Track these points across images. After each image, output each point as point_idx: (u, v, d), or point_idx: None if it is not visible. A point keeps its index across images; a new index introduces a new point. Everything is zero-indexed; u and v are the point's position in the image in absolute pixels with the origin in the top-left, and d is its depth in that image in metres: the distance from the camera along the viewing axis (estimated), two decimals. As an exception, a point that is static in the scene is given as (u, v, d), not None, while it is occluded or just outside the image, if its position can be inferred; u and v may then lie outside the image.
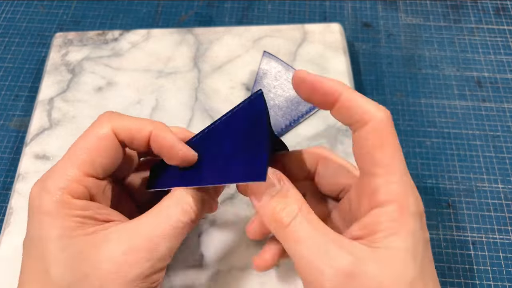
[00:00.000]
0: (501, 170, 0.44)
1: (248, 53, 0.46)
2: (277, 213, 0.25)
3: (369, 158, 0.25)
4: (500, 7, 0.55)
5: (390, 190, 0.24)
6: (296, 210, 0.25)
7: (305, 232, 0.24)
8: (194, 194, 0.27)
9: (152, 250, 0.25)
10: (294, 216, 0.25)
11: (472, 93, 0.48)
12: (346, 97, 0.26)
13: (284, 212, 0.25)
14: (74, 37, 0.47)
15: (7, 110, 0.47)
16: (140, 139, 0.27)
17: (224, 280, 0.34)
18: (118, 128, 0.27)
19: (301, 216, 0.25)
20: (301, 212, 0.25)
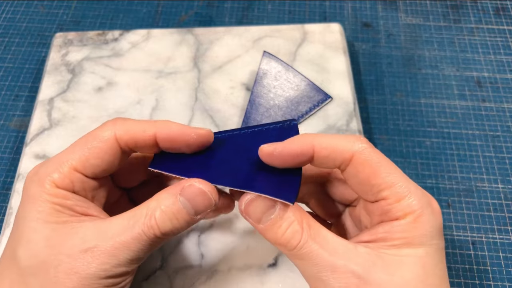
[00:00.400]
0: (500, 170, 0.44)
1: (248, 53, 0.46)
2: (280, 238, 0.25)
3: (368, 188, 0.25)
4: (500, 7, 0.55)
5: (401, 206, 0.24)
6: (300, 232, 0.24)
7: (311, 251, 0.24)
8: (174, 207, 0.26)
9: (110, 255, 0.25)
10: (298, 239, 0.24)
11: (472, 93, 0.48)
12: (319, 148, 0.25)
13: (287, 235, 0.25)
14: (74, 37, 0.47)
15: (7, 110, 0.47)
16: (144, 140, 0.27)
17: (224, 280, 0.34)
18: (121, 132, 0.27)
19: (305, 235, 0.24)
20: (304, 231, 0.25)
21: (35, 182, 0.26)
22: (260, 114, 0.41)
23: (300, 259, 0.25)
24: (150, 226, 0.25)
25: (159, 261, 0.35)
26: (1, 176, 0.43)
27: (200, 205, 0.26)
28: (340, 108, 0.43)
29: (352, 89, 0.44)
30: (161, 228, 0.25)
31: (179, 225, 0.26)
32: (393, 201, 0.25)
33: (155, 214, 0.25)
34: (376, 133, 0.46)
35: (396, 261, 0.24)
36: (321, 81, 0.44)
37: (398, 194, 0.24)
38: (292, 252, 0.25)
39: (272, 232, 0.25)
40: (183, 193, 0.26)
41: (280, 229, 0.25)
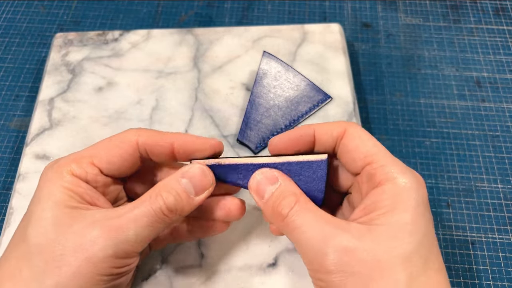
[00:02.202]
0: (500, 170, 0.44)
1: (248, 53, 0.46)
2: (276, 206, 0.27)
3: (356, 156, 0.28)
4: (500, 7, 0.55)
5: (386, 171, 0.26)
6: (293, 201, 0.27)
7: (302, 219, 0.26)
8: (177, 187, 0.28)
9: (118, 229, 0.26)
10: (291, 207, 0.27)
11: (472, 93, 0.48)
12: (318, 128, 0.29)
13: (282, 205, 0.27)
14: (74, 37, 0.47)
15: (8, 110, 0.47)
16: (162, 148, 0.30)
17: (224, 280, 0.34)
18: (143, 138, 0.29)
19: (298, 206, 0.27)
20: (298, 203, 0.27)
21: (53, 169, 0.28)
22: (260, 114, 0.41)
23: (293, 228, 0.26)
24: (157, 201, 0.27)
25: (159, 261, 0.35)
26: (1, 176, 0.43)
27: (200, 185, 0.28)
28: (340, 108, 0.43)
29: (352, 89, 0.44)
30: (166, 203, 0.27)
31: (182, 203, 0.27)
32: (377, 165, 0.27)
33: (160, 193, 0.27)
34: (375, 133, 0.46)
35: (382, 230, 0.25)
36: (321, 81, 0.44)
37: (382, 160, 0.27)
38: (286, 220, 0.26)
39: (271, 202, 0.28)
40: (184, 175, 0.28)
41: (277, 199, 0.27)
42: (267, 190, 0.28)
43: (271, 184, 0.28)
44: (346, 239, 0.25)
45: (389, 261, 0.24)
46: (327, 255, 0.25)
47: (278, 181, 0.28)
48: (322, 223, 0.26)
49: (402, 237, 0.24)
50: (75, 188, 0.27)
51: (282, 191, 0.28)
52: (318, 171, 0.29)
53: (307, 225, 0.26)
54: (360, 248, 0.24)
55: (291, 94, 0.43)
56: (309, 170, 0.29)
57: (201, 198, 0.29)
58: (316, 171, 0.29)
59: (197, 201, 0.28)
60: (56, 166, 0.28)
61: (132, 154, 0.29)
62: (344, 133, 0.29)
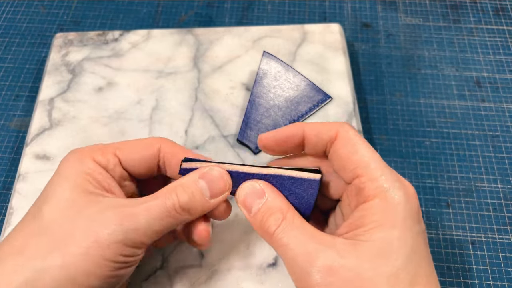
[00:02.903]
0: (500, 170, 0.44)
1: (248, 53, 0.46)
2: (264, 223, 0.27)
3: (347, 165, 0.27)
4: (499, 7, 0.55)
5: (374, 186, 0.26)
6: (280, 219, 0.27)
7: (288, 237, 0.26)
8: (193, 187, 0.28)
9: (130, 218, 0.26)
10: (278, 224, 0.27)
11: (471, 93, 0.48)
12: (308, 129, 0.29)
13: (268, 222, 0.27)
14: (75, 37, 0.47)
15: (8, 110, 0.47)
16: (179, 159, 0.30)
17: (224, 280, 0.34)
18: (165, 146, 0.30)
19: (285, 223, 0.26)
20: (285, 219, 0.27)
21: (76, 154, 0.29)
22: (260, 114, 0.41)
23: (280, 245, 0.26)
24: (171, 197, 0.27)
25: (159, 261, 0.35)
26: (1, 176, 0.43)
27: (216, 188, 0.28)
28: (340, 108, 0.43)
29: (352, 89, 0.44)
30: (180, 200, 0.27)
31: (195, 203, 0.28)
32: (366, 179, 0.26)
33: (176, 190, 0.27)
34: (375, 133, 0.46)
35: (368, 246, 0.24)
36: (321, 81, 0.44)
37: (371, 173, 0.26)
38: (273, 237, 0.26)
39: (258, 218, 0.27)
40: (202, 176, 0.28)
41: (264, 215, 0.27)
42: (254, 204, 0.28)
43: (258, 198, 0.28)
44: (331, 257, 0.24)
45: (374, 279, 0.23)
46: (311, 275, 0.24)
47: (265, 195, 0.28)
48: (308, 240, 0.25)
49: (388, 254, 0.24)
50: (95, 174, 0.28)
51: (269, 207, 0.27)
52: (309, 190, 0.29)
53: (293, 243, 0.26)
54: (345, 267, 0.24)
55: (291, 94, 0.43)
56: (300, 188, 0.29)
57: (216, 201, 0.29)
58: (307, 189, 0.29)
59: (212, 203, 0.29)
60: (79, 152, 0.29)
61: (152, 157, 0.30)
62: (336, 136, 0.28)
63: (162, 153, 0.30)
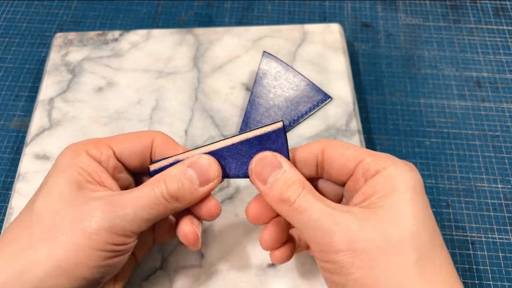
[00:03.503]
0: (500, 170, 0.44)
1: (248, 53, 0.46)
2: (283, 193, 0.27)
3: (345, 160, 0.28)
4: (500, 7, 0.55)
5: (379, 162, 0.27)
6: (300, 188, 0.27)
7: (310, 204, 0.26)
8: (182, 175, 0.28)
9: (116, 206, 0.26)
10: (298, 193, 0.27)
11: (471, 93, 0.48)
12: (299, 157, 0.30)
13: (289, 192, 0.27)
14: (74, 37, 0.47)
15: (8, 110, 0.47)
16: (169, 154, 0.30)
17: (224, 280, 0.34)
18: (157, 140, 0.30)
19: (305, 192, 0.27)
20: (305, 189, 0.27)
21: (72, 148, 0.29)
22: (260, 114, 0.41)
23: (299, 213, 0.26)
24: (159, 185, 0.27)
25: (159, 261, 0.35)
26: (1, 176, 0.43)
27: (205, 175, 0.29)
28: (340, 108, 0.43)
29: (352, 89, 0.44)
30: (168, 187, 0.27)
31: (184, 191, 0.28)
32: (370, 161, 0.27)
33: (164, 179, 0.28)
34: (375, 133, 0.46)
35: (386, 210, 0.25)
36: (321, 81, 0.44)
37: (372, 155, 0.27)
38: (292, 206, 0.26)
39: (276, 189, 0.27)
40: (190, 164, 0.29)
41: (284, 185, 0.27)
42: (271, 175, 0.28)
43: (274, 170, 0.28)
44: (353, 220, 0.25)
45: (397, 239, 0.24)
46: (335, 234, 0.25)
47: (282, 167, 0.28)
48: (329, 207, 0.26)
49: (406, 216, 0.25)
50: (87, 168, 0.28)
51: (288, 178, 0.27)
52: (278, 140, 0.29)
53: (315, 209, 0.26)
54: (368, 228, 0.24)
55: (291, 94, 0.43)
56: (270, 141, 0.29)
57: (205, 189, 0.29)
58: (276, 140, 0.29)
59: (201, 191, 0.29)
60: (75, 146, 0.29)
61: (145, 148, 0.30)
62: (323, 149, 0.29)
63: (154, 145, 0.31)
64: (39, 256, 0.25)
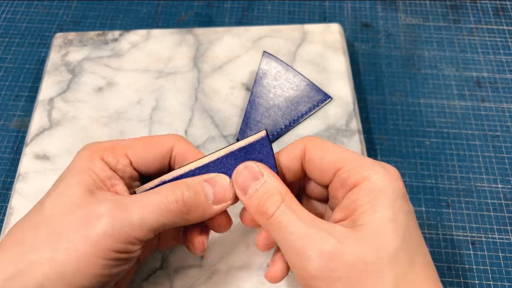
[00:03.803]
0: (500, 170, 0.44)
1: (248, 53, 0.46)
2: (261, 205, 0.26)
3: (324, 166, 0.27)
4: (500, 7, 0.55)
5: (357, 171, 0.26)
6: (279, 200, 0.26)
7: (287, 220, 0.25)
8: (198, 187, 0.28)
9: (122, 211, 0.25)
10: (277, 206, 0.26)
11: (471, 93, 0.48)
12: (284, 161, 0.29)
13: (267, 203, 0.26)
14: (74, 37, 0.47)
15: (7, 110, 0.47)
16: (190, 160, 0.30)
17: (224, 280, 0.34)
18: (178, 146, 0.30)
19: (284, 205, 0.26)
20: (284, 202, 0.26)
21: (88, 150, 0.29)
22: (260, 114, 0.41)
23: (277, 229, 0.26)
24: (174, 193, 0.27)
25: (159, 261, 0.35)
26: (1, 176, 0.43)
27: (221, 194, 0.28)
28: (340, 108, 0.43)
29: (352, 89, 0.44)
30: (185, 195, 0.27)
31: (198, 203, 0.27)
32: (348, 169, 0.26)
33: (181, 186, 0.27)
34: (375, 133, 0.46)
35: (365, 230, 0.24)
36: (321, 81, 0.44)
37: (351, 162, 0.27)
38: (270, 220, 0.26)
39: (255, 200, 0.27)
40: (207, 180, 0.28)
41: (263, 197, 0.26)
42: (251, 186, 0.27)
43: (254, 180, 0.27)
44: (332, 243, 0.24)
45: (376, 261, 0.24)
46: (311, 260, 0.24)
47: (263, 177, 0.27)
48: (308, 225, 0.25)
49: (386, 235, 0.24)
50: (100, 172, 0.27)
51: (267, 189, 0.27)
52: (263, 149, 0.29)
53: (293, 226, 0.25)
54: (347, 252, 0.24)
55: (291, 94, 0.43)
56: (255, 152, 0.29)
57: (218, 208, 0.28)
58: (261, 150, 0.29)
59: (214, 210, 0.28)
60: (92, 148, 0.29)
61: (165, 157, 0.30)
62: (305, 149, 0.28)
63: (174, 152, 0.30)
64: (41, 259, 0.24)
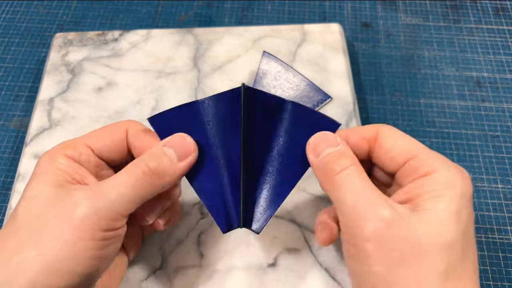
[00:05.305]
0: (500, 170, 0.44)
1: (247, 53, 0.46)
2: (331, 163, 0.27)
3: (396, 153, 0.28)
4: (500, 7, 0.55)
5: (430, 162, 0.26)
6: (349, 163, 0.27)
7: (352, 181, 0.26)
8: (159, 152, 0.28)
9: (100, 192, 0.26)
10: (346, 166, 0.26)
11: (472, 93, 0.48)
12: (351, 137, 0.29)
13: (337, 162, 0.27)
14: (74, 37, 0.47)
15: (7, 110, 0.47)
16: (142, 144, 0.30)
17: (224, 280, 0.34)
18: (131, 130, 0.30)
19: (353, 167, 0.26)
20: (353, 166, 0.26)
21: (48, 153, 0.29)
22: (260, 114, 0.41)
23: (341, 187, 0.26)
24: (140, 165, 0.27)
25: (159, 261, 0.35)
26: (1, 176, 0.43)
27: (182, 150, 0.29)
28: (340, 108, 0.43)
29: (352, 89, 0.44)
30: (149, 164, 0.27)
31: (165, 167, 0.28)
32: (421, 158, 0.26)
33: (143, 159, 0.28)
34: (375, 133, 0.46)
35: (428, 214, 0.24)
36: (321, 81, 0.44)
37: (425, 154, 0.27)
38: (337, 177, 0.26)
39: (326, 159, 0.27)
40: (165, 143, 0.29)
41: (334, 156, 0.27)
42: (325, 150, 0.28)
43: (330, 146, 0.28)
44: (392, 213, 0.24)
45: (431, 245, 0.24)
46: (369, 221, 0.24)
47: (339, 145, 0.28)
48: (371, 191, 0.25)
49: (448, 225, 0.24)
50: (65, 168, 0.28)
51: (341, 152, 0.27)
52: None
53: (356, 188, 0.25)
54: (404, 226, 0.24)
55: (291, 94, 0.43)
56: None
57: (184, 164, 0.29)
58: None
59: (181, 167, 0.29)
60: (51, 150, 0.29)
61: (122, 141, 0.30)
62: (377, 135, 0.29)
63: (129, 134, 0.30)
64: (28, 258, 0.24)
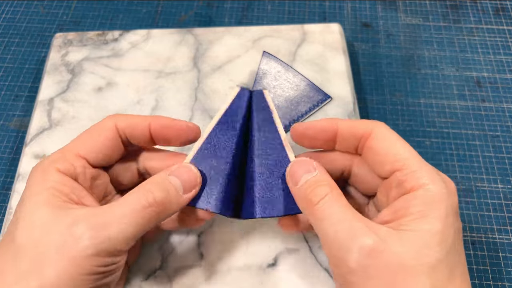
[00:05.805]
0: (500, 170, 0.44)
1: (247, 53, 0.46)
2: (309, 193, 0.27)
3: (385, 159, 0.27)
4: (500, 7, 0.55)
5: (416, 176, 0.26)
6: (327, 191, 0.27)
7: (332, 210, 0.26)
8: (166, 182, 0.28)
9: (100, 228, 0.25)
10: (324, 195, 0.26)
11: (472, 93, 0.48)
12: (342, 124, 0.29)
13: (314, 192, 0.27)
14: (74, 37, 0.47)
15: (7, 110, 0.47)
16: (141, 130, 0.30)
17: (224, 280, 0.34)
18: (122, 123, 0.30)
19: (330, 197, 0.26)
20: (331, 193, 0.26)
21: (39, 169, 0.28)
22: (259, 114, 0.41)
23: (321, 219, 0.26)
24: (145, 197, 0.27)
25: (159, 261, 0.35)
26: (1, 176, 0.43)
27: (188, 182, 0.29)
28: (340, 108, 0.43)
29: (352, 89, 0.44)
30: (155, 195, 0.27)
31: (170, 199, 0.28)
32: (408, 172, 0.26)
33: (150, 188, 0.27)
34: (375, 133, 0.46)
35: (412, 236, 0.24)
36: (321, 81, 0.44)
37: (412, 166, 0.26)
38: (315, 208, 0.26)
39: (304, 187, 0.27)
40: (171, 173, 0.29)
41: (312, 185, 0.27)
42: (303, 177, 0.28)
43: (307, 173, 0.28)
44: (374, 239, 0.24)
45: (416, 268, 0.23)
46: (351, 252, 0.24)
47: (316, 170, 0.28)
48: (351, 219, 0.25)
49: (431, 246, 0.24)
50: (61, 187, 0.27)
51: (318, 179, 0.27)
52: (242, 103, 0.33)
53: (336, 218, 0.25)
54: (388, 251, 0.24)
55: (291, 94, 0.43)
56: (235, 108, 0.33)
57: (189, 195, 0.29)
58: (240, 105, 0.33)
59: (186, 198, 0.29)
60: (42, 166, 0.28)
61: (114, 139, 0.30)
62: (370, 134, 0.28)
63: (120, 131, 0.30)
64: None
